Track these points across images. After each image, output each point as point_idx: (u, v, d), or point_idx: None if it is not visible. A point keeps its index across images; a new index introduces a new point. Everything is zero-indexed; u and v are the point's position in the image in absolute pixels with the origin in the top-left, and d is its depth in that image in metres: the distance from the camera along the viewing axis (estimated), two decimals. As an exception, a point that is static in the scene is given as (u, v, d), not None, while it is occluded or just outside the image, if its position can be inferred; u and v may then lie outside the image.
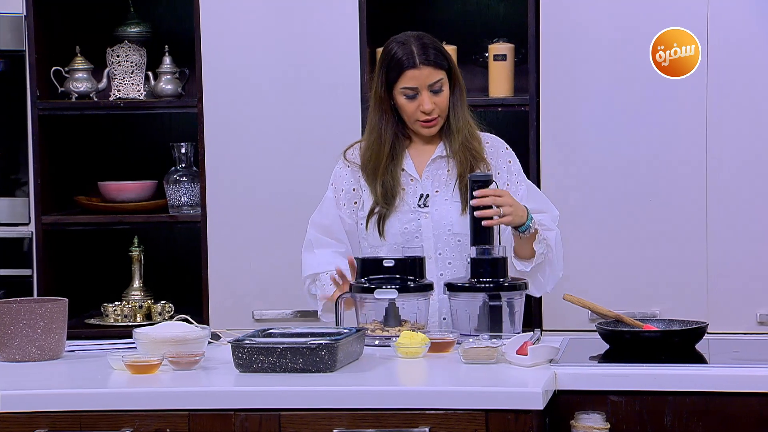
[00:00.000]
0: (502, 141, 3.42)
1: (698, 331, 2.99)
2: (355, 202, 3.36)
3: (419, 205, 3.31)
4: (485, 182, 3.17)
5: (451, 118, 3.32)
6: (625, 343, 2.99)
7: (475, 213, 3.14)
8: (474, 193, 3.14)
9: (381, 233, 3.30)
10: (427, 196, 3.31)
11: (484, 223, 3.12)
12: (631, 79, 4.00)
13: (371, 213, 3.32)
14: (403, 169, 3.34)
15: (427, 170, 3.35)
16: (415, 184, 3.34)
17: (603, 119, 4.01)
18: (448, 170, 3.33)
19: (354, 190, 3.37)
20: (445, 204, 3.31)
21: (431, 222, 3.29)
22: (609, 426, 2.74)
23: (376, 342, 3.07)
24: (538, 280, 3.29)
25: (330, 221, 3.36)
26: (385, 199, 3.30)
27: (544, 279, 3.30)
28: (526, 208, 3.20)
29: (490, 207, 3.12)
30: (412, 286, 3.11)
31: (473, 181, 3.18)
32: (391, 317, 3.11)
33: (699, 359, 2.93)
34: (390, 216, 3.30)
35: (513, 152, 3.41)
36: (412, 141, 3.37)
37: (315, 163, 4.15)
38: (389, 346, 2.98)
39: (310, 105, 4.15)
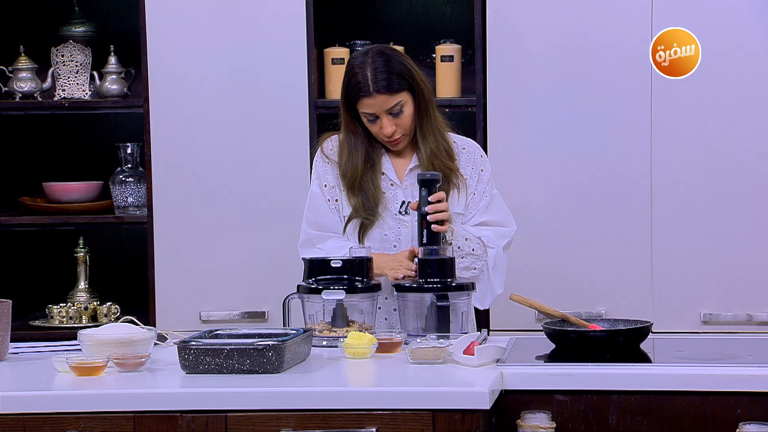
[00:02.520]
0: (479, 147, 3.41)
1: (643, 331, 3.02)
2: (336, 200, 3.34)
3: (400, 212, 3.31)
4: (432, 182, 3.18)
5: (418, 134, 3.29)
6: (570, 342, 3.01)
7: (428, 218, 3.15)
8: (429, 198, 3.16)
9: (360, 240, 3.29)
10: (409, 203, 3.30)
11: (434, 227, 3.14)
12: (577, 80, 4.02)
13: (350, 219, 3.30)
14: (383, 173, 3.33)
15: (406, 178, 3.33)
16: (396, 189, 3.32)
17: (549, 120, 4.04)
18: None
19: (334, 187, 3.34)
20: None
21: (411, 231, 3.28)
22: (555, 425, 2.75)
23: (324, 343, 3.07)
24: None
25: (323, 217, 3.33)
26: (367, 209, 3.27)
27: (481, 294, 3.29)
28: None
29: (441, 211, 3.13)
30: (359, 286, 3.11)
31: (421, 180, 3.19)
32: (339, 318, 3.11)
33: (644, 358, 2.95)
34: (372, 225, 3.29)
35: (487, 160, 3.40)
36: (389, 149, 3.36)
37: (262, 163, 4.14)
38: (337, 346, 2.98)
39: (257, 105, 4.14)
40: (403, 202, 3.30)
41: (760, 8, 3.96)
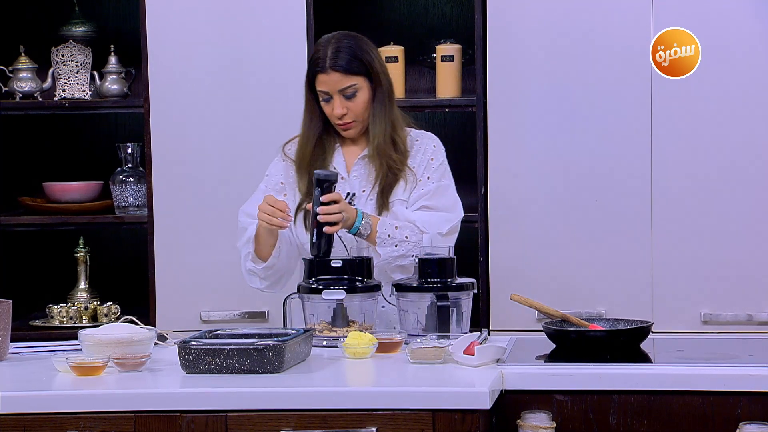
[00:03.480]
0: (434, 139, 3.39)
1: (643, 331, 3.02)
2: (285, 194, 3.35)
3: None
4: (326, 182, 3.16)
5: (370, 123, 3.31)
6: (570, 342, 3.01)
7: (318, 218, 3.14)
8: (321, 199, 3.14)
9: (307, 228, 3.29)
10: (354, 194, 3.30)
11: (325, 229, 3.14)
12: (578, 80, 4.02)
13: (299, 207, 3.32)
14: (334, 167, 3.33)
15: (355, 168, 3.35)
16: (343, 182, 3.33)
17: (549, 120, 4.04)
18: (375, 170, 3.32)
19: (282, 183, 3.36)
20: (370, 204, 3.31)
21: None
22: (555, 425, 2.75)
23: (324, 343, 3.07)
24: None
25: (255, 210, 3.33)
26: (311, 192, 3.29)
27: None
28: (360, 212, 3.19)
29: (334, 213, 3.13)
30: (359, 286, 3.11)
31: (316, 179, 3.17)
32: (339, 318, 3.11)
33: (644, 358, 2.96)
34: None
35: (441, 151, 3.37)
36: (344, 139, 3.37)
37: (262, 162, 4.12)
38: (337, 346, 2.98)
39: (257, 104, 4.14)
40: (348, 194, 3.27)
41: (759, 8, 3.96)
